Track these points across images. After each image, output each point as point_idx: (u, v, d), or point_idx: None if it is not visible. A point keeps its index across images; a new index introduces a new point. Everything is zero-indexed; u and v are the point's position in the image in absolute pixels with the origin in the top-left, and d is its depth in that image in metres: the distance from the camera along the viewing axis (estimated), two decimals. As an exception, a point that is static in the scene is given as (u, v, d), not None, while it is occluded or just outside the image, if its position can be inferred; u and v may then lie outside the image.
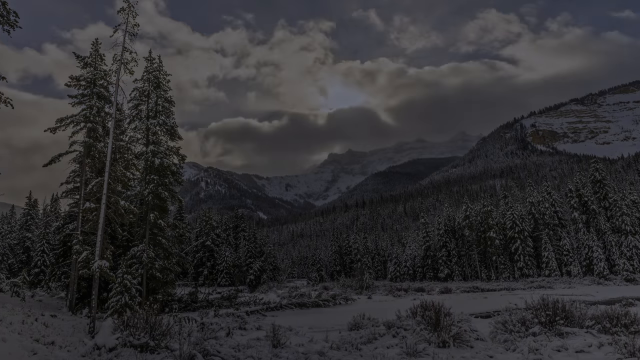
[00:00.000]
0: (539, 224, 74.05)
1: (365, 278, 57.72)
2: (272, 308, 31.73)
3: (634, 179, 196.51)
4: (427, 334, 13.09)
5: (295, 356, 11.26)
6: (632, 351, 9.88)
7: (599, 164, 75.56)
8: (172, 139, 33.15)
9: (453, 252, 79.62)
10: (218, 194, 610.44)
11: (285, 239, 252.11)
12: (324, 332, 16.85)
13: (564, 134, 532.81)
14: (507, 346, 12.39)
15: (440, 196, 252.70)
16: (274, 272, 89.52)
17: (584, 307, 15.58)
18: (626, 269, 61.36)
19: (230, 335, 16.92)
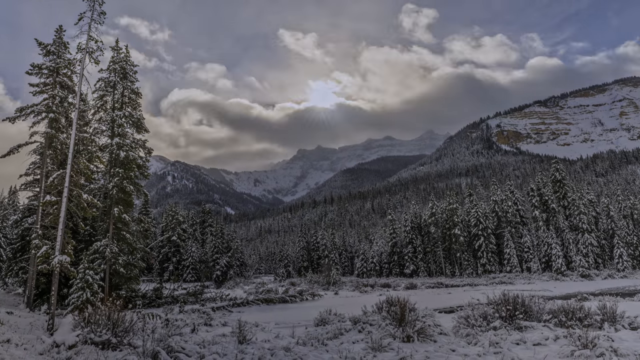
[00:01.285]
0: (502, 221, 76.14)
1: (333, 274, 58.07)
2: (239, 304, 31.55)
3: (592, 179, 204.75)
4: (393, 329, 13.28)
5: (261, 352, 11.23)
6: (584, 343, 10.31)
7: (559, 164, 78.23)
8: (139, 131, 32.39)
9: (419, 248, 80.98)
10: (185, 188, 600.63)
11: (253, 234, 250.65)
12: (291, 327, 16.87)
13: (528, 134, 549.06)
14: (469, 340, 12.71)
15: (407, 193, 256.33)
16: (241, 268, 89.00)
17: (542, 302, 16.13)
18: (582, 265, 63.85)
19: (195, 331, 16.72)
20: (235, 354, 10.97)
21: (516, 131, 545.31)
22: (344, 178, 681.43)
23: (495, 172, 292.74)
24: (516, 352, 10.76)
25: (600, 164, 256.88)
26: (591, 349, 10.09)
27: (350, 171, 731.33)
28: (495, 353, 10.72)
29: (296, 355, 11.22)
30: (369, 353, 10.99)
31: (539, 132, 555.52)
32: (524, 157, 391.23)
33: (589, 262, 66.19)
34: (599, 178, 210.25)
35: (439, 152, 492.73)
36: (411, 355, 10.42)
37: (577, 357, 10.02)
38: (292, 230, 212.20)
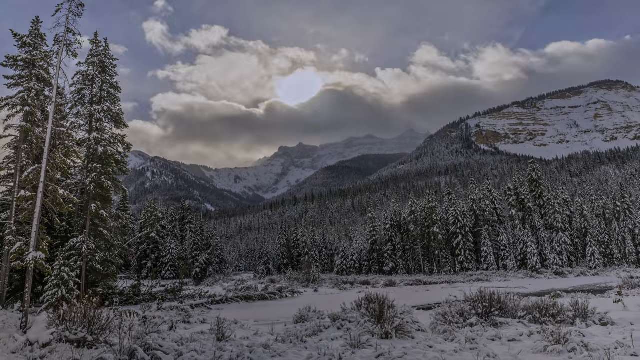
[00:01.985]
0: (479, 220, 77.32)
1: (313, 271, 58.18)
2: (218, 301, 31.39)
3: (566, 179, 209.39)
4: (371, 326, 13.40)
5: (239, 349, 11.21)
6: (557, 339, 10.58)
7: (536, 164, 79.76)
8: (118, 126, 31.88)
9: (398, 246, 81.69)
10: (164, 184, 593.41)
11: (233, 231, 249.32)
12: (270, 325, 16.88)
13: (506, 135, 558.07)
14: (446, 336, 12.91)
15: (387, 192, 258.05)
16: (221, 265, 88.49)
17: (517, 299, 16.48)
18: (556, 263, 65.32)
19: (173, 329, 16.60)
20: (213, 351, 10.93)
21: (495, 131, 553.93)
22: (325, 176, 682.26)
23: (474, 171, 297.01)
24: (492, 348, 10.98)
25: (575, 164, 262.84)
26: (563, 345, 10.36)
27: (331, 169, 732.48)
28: (472, 349, 10.92)
29: (275, 352, 11.24)
30: (347, 350, 11.08)
31: (517, 132, 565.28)
32: (502, 157, 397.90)
33: (562, 260, 67.73)
34: (574, 178, 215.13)
35: (419, 151, 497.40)
36: (389, 351, 10.54)
37: (550, 353, 10.28)
38: (273, 228, 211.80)
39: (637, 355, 9.01)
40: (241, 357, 10.60)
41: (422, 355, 10.37)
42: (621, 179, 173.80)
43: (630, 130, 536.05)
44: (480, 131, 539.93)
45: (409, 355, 10.26)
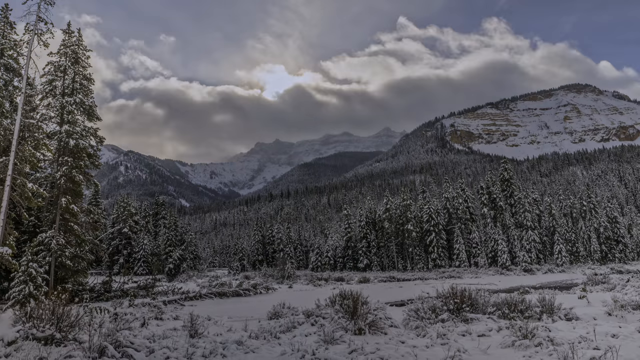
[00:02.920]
0: (452, 218, 78.59)
1: (287, 267, 58.22)
2: (191, 297, 31.09)
3: (537, 179, 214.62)
4: (345, 322, 13.52)
5: (212, 346, 11.16)
6: (525, 334, 10.91)
7: (507, 164, 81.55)
8: (90, 119, 31.13)
9: (373, 243, 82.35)
10: (138, 179, 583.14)
11: (208, 227, 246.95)
12: (244, 321, 16.83)
13: (479, 135, 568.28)
14: (418, 332, 13.12)
15: (363, 189, 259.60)
16: (195, 261, 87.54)
17: (487, 295, 16.87)
18: (525, 260, 67.01)
19: (145, 325, 16.39)
20: (186, 348, 10.86)
21: (469, 131, 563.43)
22: (301, 172, 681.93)
23: (448, 170, 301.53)
24: (462, 343, 11.22)
25: (545, 165, 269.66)
26: (530, 339, 10.67)
27: (307, 166, 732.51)
28: (443, 344, 11.14)
29: (248, 348, 11.23)
30: (321, 346, 11.15)
31: (490, 132, 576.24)
32: (475, 157, 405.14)
33: (531, 257, 69.52)
34: (543, 178, 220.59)
35: (395, 150, 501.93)
36: (362, 347, 10.66)
37: (518, 347, 10.58)
38: (248, 224, 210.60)
39: (599, 349, 9.36)
40: (214, 354, 10.56)
41: (394, 350, 10.52)
42: (588, 179, 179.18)
43: (597, 133, 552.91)
44: (455, 131, 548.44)
45: (381, 351, 10.40)
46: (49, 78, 30.56)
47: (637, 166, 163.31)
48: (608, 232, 79.21)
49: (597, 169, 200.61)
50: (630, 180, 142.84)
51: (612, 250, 78.39)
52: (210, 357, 10.35)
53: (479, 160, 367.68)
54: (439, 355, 9.99)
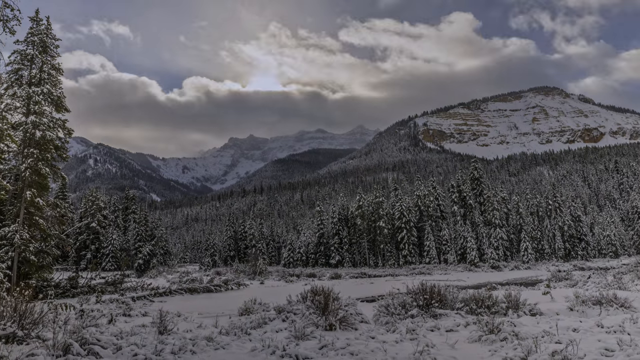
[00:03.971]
0: (423, 215, 79.75)
1: (259, 263, 57.98)
2: (161, 293, 30.64)
3: (505, 178, 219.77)
4: (316, 318, 13.57)
5: (182, 342, 11.04)
6: (491, 329, 11.18)
7: (477, 163, 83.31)
8: (58, 110, 30.18)
9: (345, 239, 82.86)
10: (108, 173, 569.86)
11: (179, 222, 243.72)
12: (214, 317, 16.71)
13: (451, 134, 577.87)
14: (388, 328, 13.29)
15: (336, 186, 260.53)
16: (165, 256, 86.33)
17: (456, 292, 17.19)
18: (493, 257, 68.66)
19: (113, 322, 16.07)
20: (155, 344, 10.70)
21: (441, 130, 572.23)
22: (274, 168, 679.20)
23: (420, 168, 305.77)
24: (430, 338, 11.42)
25: (514, 164, 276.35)
26: (496, 334, 10.95)
27: (281, 162, 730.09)
28: (412, 339, 11.31)
29: (218, 344, 11.16)
30: (291, 341, 11.17)
31: (462, 132, 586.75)
32: (446, 155, 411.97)
33: (499, 254, 71.27)
34: (512, 177, 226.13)
35: (368, 147, 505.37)
36: (332, 342, 10.72)
37: (484, 342, 10.84)
38: (220, 219, 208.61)
39: (561, 343, 9.68)
40: (183, 350, 10.45)
41: (364, 345, 10.63)
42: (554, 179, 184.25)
43: (563, 134, 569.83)
44: (428, 130, 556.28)
45: (351, 346, 10.49)
46: (14, 67, 29.46)
47: (600, 167, 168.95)
48: (572, 230, 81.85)
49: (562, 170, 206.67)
50: (593, 180, 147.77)
51: (575, 248, 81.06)
52: (179, 353, 10.23)
53: (451, 159, 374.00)
54: (408, 350, 10.14)
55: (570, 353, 8.51)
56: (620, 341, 9.76)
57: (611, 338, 10.34)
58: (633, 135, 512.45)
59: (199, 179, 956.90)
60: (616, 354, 9.00)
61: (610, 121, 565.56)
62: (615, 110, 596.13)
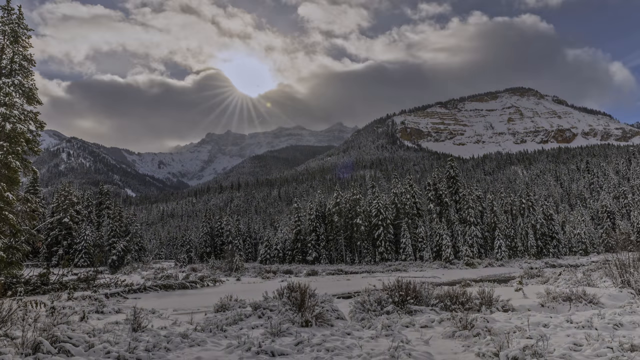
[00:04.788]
0: (400, 213, 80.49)
1: (236, 260, 57.64)
2: (135, 290, 30.18)
3: (480, 177, 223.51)
4: (292, 315, 13.58)
5: (156, 339, 10.90)
6: (464, 325, 11.38)
7: (454, 162, 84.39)
8: (30, 102, 29.36)
9: (322, 236, 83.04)
10: (81, 167, 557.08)
11: (155, 218, 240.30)
12: (189, 314, 16.56)
13: (428, 132, 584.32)
14: (364, 324, 13.38)
15: (314, 183, 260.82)
16: (140, 252, 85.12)
17: (431, 288, 17.41)
18: (468, 254, 69.75)
19: (85, 319, 15.75)
20: (128, 342, 10.54)
21: (418, 129, 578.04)
22: (252, 164, 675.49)
23: (397, 166, 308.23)
24: (405, 334, 11.55)
25: (489, 163, 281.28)
26: (470, 330, 11.14)
27: (259, 158, 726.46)
28: (387, 335, 11.42)
29: (193, 341, 11.06)
30: (267, 338, 11.15)
31: (439, 131, 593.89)
32: (423, 154, 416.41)
33: (473, 251, 72.49)
34: (487, 176, 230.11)
35: (346, 144, 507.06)
36: (308, 339, 10.75)
37: (458, 337, 11.02)
38: (197, 215, 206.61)
39: (531, 338, 9.92)
40: (157, 347, 10.32)
41: (340, 342, 10.68)
42: (527, 178, 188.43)
43: (537, 135, 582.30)
44: (405, 128, 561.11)
45: (327, 342, 10.53)
46: (-17, 57, 28.57)
47: (572, 167, 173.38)
48: (544, 228, 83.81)
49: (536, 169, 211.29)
50: (565, 180, 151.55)
51: (547, 246, 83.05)
52: (153, 350, 10.11)
53: (427, 157, 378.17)
54: (383, 346, 10.24)
55: (540, 348, 8.72)
56: (588, 336, 10.06)
57: (580, 333, 10.64)
58: (604, 136, 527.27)
59: (175, 174, 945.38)
60: (584, 348, 9.27)
61: (583, 122, 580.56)
62: (587, 112, 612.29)
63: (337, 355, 9.58)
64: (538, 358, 8.36)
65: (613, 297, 17.17)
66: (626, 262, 19.64)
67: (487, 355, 9.07)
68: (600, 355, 8.71)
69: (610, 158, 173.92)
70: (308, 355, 9.65)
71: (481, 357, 9.12)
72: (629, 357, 8.29)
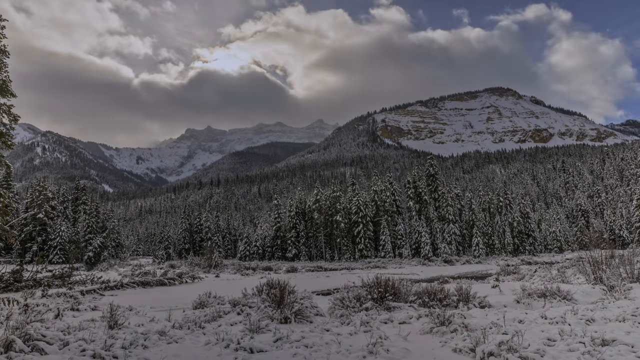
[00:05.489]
0: (380, 210, 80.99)
1: (215, 256, 57.27)
2: (112, 287, 29.71)
3: (459, 175, 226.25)
4: (271, 311, 13.55)
5: (133, 337, 10.75)
6: (442, 321, 11.52)
7: (433, 160, 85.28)
8: (3, 95, 28.58)
9: (302, 233, 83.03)
10: (57, 162, 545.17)
11: (133, 214, 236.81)
12: (167, 311, 16.38)
13: (409, 131, 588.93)
14: (342, 320, 13.43)
15: (294, 179, 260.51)
16: (117, 249, 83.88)
17: (409, 285, 17.57)
18: (446, 251, 70.63)
19: (60, 317, 15.43)
20: (104, 339, 10.37)
21: (399, 127, 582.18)
22: (232, 161, 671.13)
23: (378, 163, 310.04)
24: (384, 330, 11.64)
25: (468, 162, 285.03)
26: (447, 326, 11.29)
27: (239, 154, 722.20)
28: (366, 331, 11.49)
29: (171, 338, 10.95)
30: (246, 334, 11.10)
31: (419, 129, 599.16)
32: (403, 152, 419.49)
33: (451, 249, 73.42)
34: (466, 175, 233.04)
35: (327, 142, 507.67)
36: (287, 335, 10.74)
37: (435, 333, 11.15)
38: (175, 212, 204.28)
39: (507, 334, 10.10)
40: (134, 345, 10.18)
41: (319, 338, 10.71)
42: (505, 177, 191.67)
43: (515, 134, 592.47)
44: (386, 126, 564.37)
45: (306, 339, 10.54)
46: (-46, 48, 27.68)
47: (548, 167, 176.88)
48: (520, 226, 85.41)
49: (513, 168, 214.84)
50: (541, 179, 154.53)
51: (523, 243, 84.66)
52: (130, 348, 9.97)
53: (407, 155, 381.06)
54: (362, 342, 10.30)
55: (515, 343, 8.89)
56: (562, 331, 10.30)
57: (554, 329, 10.88)
58: (579, 136, 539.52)
59: (154, 170, 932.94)
60: (557, 343, 9.49)
61: (559, 123, 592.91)
62: (564, 112, 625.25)
63: (315, 352, 9.59)
64: (513, 353, 8.52)
65: (586, 293, 17.61)
66: (599, 260, 20.15)
67: (463, 350, 9.21)
68: (573, 350, 8.93)
69: (585, 158, 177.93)
70: (287, 352, 9.65)
71: (458, 352, 9.25)
72: (600, 352, 8.51)
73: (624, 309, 13.03)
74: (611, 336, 9.51)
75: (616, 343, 8.98)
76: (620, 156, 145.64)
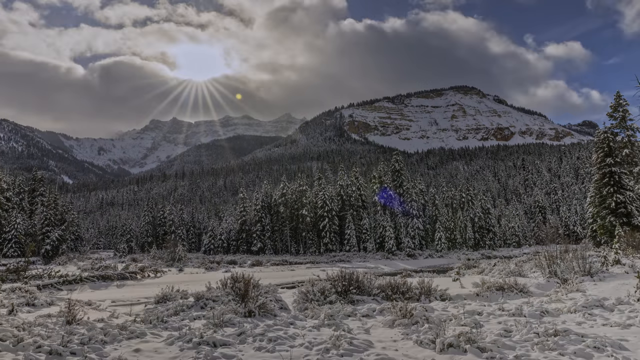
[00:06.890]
0: (345, 204, 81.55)
1: (179, 250, 56.38)
2: (71, 281, 28.82)
3: (424, 171, 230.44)
4: (235, 305, 13.49)
5: (92, 332, 10.49)
6: (404, 314, 11.77)
7: (399, 156, 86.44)
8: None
9: (267, 227, 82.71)
10: (13, 151, 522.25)
11: (93, 206, 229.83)
12: (129, 305, 16.08)
13: (375, 126, 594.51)
14: (307, 314, 13.51)
15: (260, 173, 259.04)
16: (76, 242, 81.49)
17: (373, 279, 17.83)
18: (409, 246, 72.00)
19: (14, 312, 14.89)
20: (61, 335, 10.08)
21: (366, 122, 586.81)
22: (198, 153, 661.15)
23: (344, 158, 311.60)
24: (347, 323, 11.79)
25: (432, 158, 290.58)
26: (409, 318, 11.53)
27: (205, 146, 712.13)
28: (329, 325, 11.61)
29: (132, 333, 10.75)
30: (209, 329, 11.02)
31: (385, 125, 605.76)
32: (370, 147, 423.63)
33: (415, 243, 74.86)
34: (430, 171, 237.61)
35: (294, 136, 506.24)
36: (251, 329, 10.73)
37: (398, 326, 11.38)
38: (138, 204, 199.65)
39: (466, 325, 10.44)
40: (93, 340, 9.94)
41: (283, 332, 10.75)
42: (468, 173, 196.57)
43: (478, 132, 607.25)
44: (353, 121, 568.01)
45: (270, 332, 10.56)
46: None
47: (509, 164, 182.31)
48: (481, 221, 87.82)
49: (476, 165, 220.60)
50: (502, 176, 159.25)
51: (483, 238, 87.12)
52: (89, 343, 9.73)
53: (374, 150, 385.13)
54: (325, 335, 10.40)
55: (474, 335, 9.18)
56: (518, 323, 10.71)
57: (510, 320, 11.31)
58: (539, 135, 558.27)
59: (116, 161, 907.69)
60: (513, 334, 9.89)
61: (520, 122, 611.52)
62: (525, 112, 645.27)
63: (279, 345, 9.62)
64: (472, 344, 8.80)
65: (541, 286, 18.34)
66: (554, 254, 20.97)
67: (424, 342, 9.44)
68: (527, 340, 9.33)
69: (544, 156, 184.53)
70: (250, 346, 9.64)
71: (419, 344, 9.48)
72: (552, 341, 8.92)
73: (575, 300, 13.67)
74: (563, 327, 9.97)
75: (567, 333, 9.41)
76: (576, 155, 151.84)
